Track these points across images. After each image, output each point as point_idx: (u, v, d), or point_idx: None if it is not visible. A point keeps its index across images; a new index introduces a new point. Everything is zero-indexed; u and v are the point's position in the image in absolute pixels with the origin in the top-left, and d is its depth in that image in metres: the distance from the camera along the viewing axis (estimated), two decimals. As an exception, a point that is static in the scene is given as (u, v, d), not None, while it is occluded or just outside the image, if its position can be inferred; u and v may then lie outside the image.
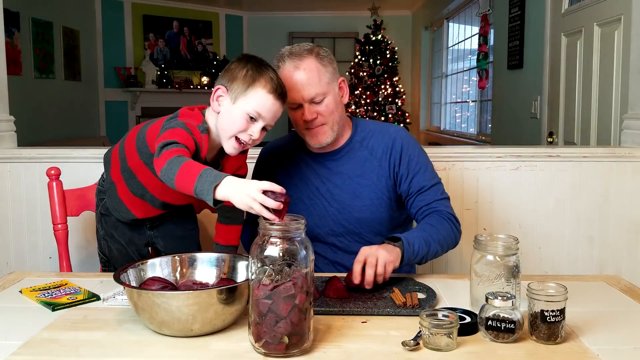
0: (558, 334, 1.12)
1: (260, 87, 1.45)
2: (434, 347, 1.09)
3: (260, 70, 1.47)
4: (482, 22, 5.28)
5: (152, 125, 1.54)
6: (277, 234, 1.07)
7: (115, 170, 1.66)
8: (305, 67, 1.58)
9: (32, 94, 5.51)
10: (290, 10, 8.50)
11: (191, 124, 1.48)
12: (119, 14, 7.54)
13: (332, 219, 1.70)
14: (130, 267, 1.29)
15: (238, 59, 1.52)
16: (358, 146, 1.71)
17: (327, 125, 1.63)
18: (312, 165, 1.73)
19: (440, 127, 7.39)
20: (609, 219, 2.33)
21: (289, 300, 1.05)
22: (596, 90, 2.95)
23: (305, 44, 1.65)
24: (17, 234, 2.33)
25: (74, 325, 1.21)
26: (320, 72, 1.59)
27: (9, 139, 2.39)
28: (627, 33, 2.57)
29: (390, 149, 1.69)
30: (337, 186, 1.70)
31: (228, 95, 1.48)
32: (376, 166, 1.69)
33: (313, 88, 1.58)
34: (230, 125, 1.47)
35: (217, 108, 1.49)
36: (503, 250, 1.27)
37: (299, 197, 1.71)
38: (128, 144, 1.60)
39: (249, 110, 1.46)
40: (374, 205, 1.68)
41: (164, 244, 1.77)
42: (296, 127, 1.67)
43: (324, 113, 1.61)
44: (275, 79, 1.48)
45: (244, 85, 1.46)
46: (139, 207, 1.67)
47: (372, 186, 1.68)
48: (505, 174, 2.33)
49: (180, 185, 1.29)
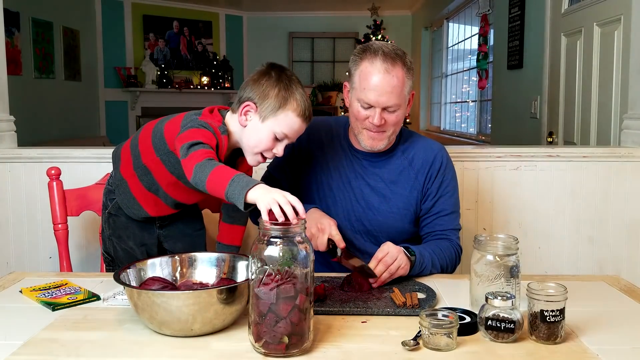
0: (558, 333, 1.12)
1: (292, 110, 1.46)
2: (433, 347, 1.09)
3: (291, 90, 1.47)
4: (482, 22, 5.28)
5: (169, 122, 1.55)
6: (277, 234, 1.07)
7: (126, 167, 1.65)
8: (395, 74, 1.54)
9: (32, 94, 5.51)
10: (290, 10, 8.50)
11: (212, 123, 1.49)
12: (119, 14, 7.54)
13: (355, 215, 1.70)
14: (130, 267, 1.29)
15: (267, 71, 1.50)
16: (399, 154, 1.71)
17: (387, 133, 1.62)
18: (351, 158, 1.72)
19: (440, 127, 7.38)
20: (609, 219, 2.33)
21: (289, 301, 1.05)
22: (596, 90, 2.95)
23: (394, 46, 1.59)
24: (17, 234, 2.33)
25: (74, 325, 1.21)
26: (405, 84, 1.57)
27: (9, 139, 2.39)
28: (627, 33, 2.57)
29: (430, 164, 1.69)
30: (369, 186, 1.70)
31: (257, 113, 1.48)
32: (412, 178, 1.70)
33: (394, 98, 1.55)
34: (256, 142, 1.49)
35: (245, 122, 1.50)
36: (503, 250, 1.27)
37: (328, 184, 1.71)
38: (142, 140, 1.60)
39: (277, 131, 1.48)
40: (400, 213, 1.69)
41: (172, 243, 1.77)
42: (354, 122, 1.64)
43: (391, 123, 1.60)
44: (304, 100, 1.49)
45: (275, 105, 1.46)
46: (151, 204, 1.67)
47: (404, 196, 1.69)
48: (505, 174, 2.33)
49: (211, 187, 1.32)
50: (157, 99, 7.85)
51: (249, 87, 1.50)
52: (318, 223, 1.52)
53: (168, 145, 1.52)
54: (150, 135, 1.58)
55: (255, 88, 1.49)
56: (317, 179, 1.72)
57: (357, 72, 1.58)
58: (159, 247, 1.77)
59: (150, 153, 1.57)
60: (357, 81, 1.58)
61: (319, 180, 1.72)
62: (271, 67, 1.51)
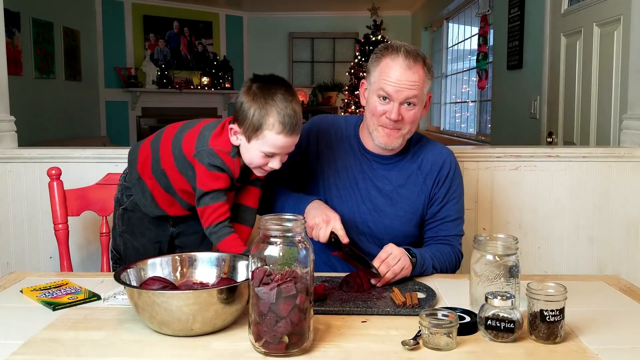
0: (557, 333, 1.12)
1: (268, 130, 1.48)
2: (433, 347, 1.09)
3: (266, 108, 1.47)
4: (482, 23, 5.28)
5: (187, 136, 1.59)
6: (277, 234, 1.07)
7: (144, 167, 1.67)
8: (416, 71, 1.56)
9: (33, 94, 5.51)
10: (290, 10, 8.50)
11: (222, 151, 1.54)
12: (119, 14, 7.54)
13: (361, 216, 1.70)
14: (131, 267, 1.29)
15: (248, 87, 1.51)
16: (409, 158, 1.72)
17: (402, 131, 1.62)
18: (361, 159, 1.72)
19: (440, 127, 7.38)
20: (609, 219, 2.33)
21: (290, 300, 1.05)
22: (595, 91, 2.95)
23: (416, 47, 1.63)
24: (17, 234, 2.33)
25: (74, 325, 1.21)
26: (425, 83, 1.59)
27: (9, 139, 2.39)
28: (626, 33, 2.57)
29: (439, 169, 1.70)
30: (376, 188, 1.70)
31: (242, 134, 1.52)
32: (420, 182, 1.70)
33: (414, 91, 1.57)
34: (250, 160, 1.54)
35: (236, 142, 1.55)
36: (502, 250, 1.27)
37: (334, 183, 1.72)
38: (163, 147, 1.64)
39: (264, 150, 1.51)
40: (406, 217, 1.69)
41: (184, 240, 1.78)
42: (370, 119, 1.64)
43: (408, 120, 1.60)
44: (284, 113, 1.46)
45: (254, 127, 1.48)
46: (168, 204, 1.70)
47: (411, 199, 1.69)
48: (505, 174, 2.33)
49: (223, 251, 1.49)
50: (158, 99, 7.86)
51: (235, 106, 1.54)
52: (324, 214, 1.53)
53: (187, 158, 1.58)
54: (170, 145, 1.62)
55: (237, 109, 1.53)
56: (324, 178, 1.72)
57: (378, 68, 1.59)
58: (170, 243, 1.79)
59: (170, 162, 1.62)
60: (377, 75, 1.59)
61: (327, 179, 1.72)
62: (253, 81, 1.52)
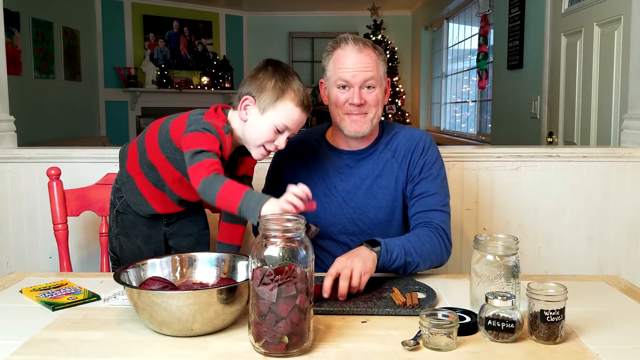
0: (558, 333, 1.12)
1: (289, 100, 1.49)
2: (433, 347, 1.09)
3: (288, 81, 1.50)
4: (482, 22, 5.28)
5: (175, 120, 1.58)
6: (277, 234, 1.07)
7: (132, 164, 1.67)
8: (367, 54, 1.61)
9: (32, 94, 5.51)
10: (290, 10, 8.50)
11: (216, 124, 1.51)
12: (119, 14, 7.54)
13: (346, 217, 1.69)
14: (131, 267, 1.29)
15: (264, 66, 1.54)
16: (382, 147, 1.72)
17: (369, 115, 1.64)
18: (335, 161, 1.72)
19: (440, 127, 7.39)
20: (609, 218, 2.33)
21: (289, 300, 1.05)
22: (596, 90, 2.95)
23: (363, 38, 1.67)
24: (17, 234, 2.33)
25: (74, 325, 1.21)
26: (378, 64, 1.64)
27: (9, 139, 2.39)
28: (627, 33, 2.57)
29: (412, 151, 1.69)
30: (355, 185, 1.70)
31: (256, 106, 1.51)
32: (396, 168, 1.69)
33: (370, 72, 1.61)
34: (258, 135, 1.52)
35: (245, 117, 1.53)
36: (503, 250, 1.27)
37: (314, 193, 1.69)
38: (149, 138, 1.63)
39: (277, 123, 1.50)
40: (389, 207, 1.68)
41: (178, 241, 1.78)
42: (335, 111, 1.66)
43: (371, 102, 1.63)
44: (302, 90, 1.51)
45: (273, 97, 1.49)
46: (158, 200, 1.69)
47: (389, 188, 1.68)
48: (505, 174, 2.33)
49: (222, 203, 1.39)
50: (157, 99, 7.85)
51: (247, 83, 1.54)
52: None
53: (174, 143, 1.55)
54: (157, 133, 1.61)
55: (252, 82, 1.52)
56: None
57: (331, 61, 1.64)
58: (165, 244, 1.78)
59: (156, 150, 1.60)
60: (332, 68, 1.64)
61: None
62: (267, 62, 1.55)
